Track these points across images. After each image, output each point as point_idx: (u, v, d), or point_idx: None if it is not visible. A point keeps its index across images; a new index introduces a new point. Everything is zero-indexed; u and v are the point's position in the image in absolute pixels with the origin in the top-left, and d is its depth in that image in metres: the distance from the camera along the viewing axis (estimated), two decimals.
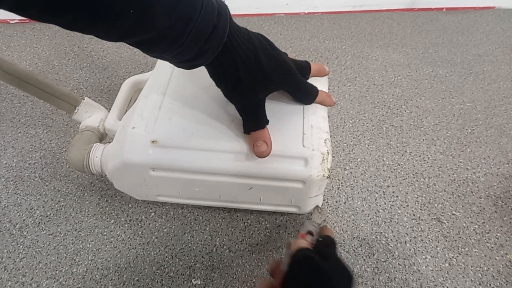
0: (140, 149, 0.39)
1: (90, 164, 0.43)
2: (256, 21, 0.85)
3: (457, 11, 0.90)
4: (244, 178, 0.40)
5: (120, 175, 0.42)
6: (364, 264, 0.46)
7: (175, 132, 0.40)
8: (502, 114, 0.64)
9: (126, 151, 0.39)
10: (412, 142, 0.60)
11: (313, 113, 0.42)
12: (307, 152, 0.38)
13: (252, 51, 0.32)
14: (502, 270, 0.46)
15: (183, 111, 0.41)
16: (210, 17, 0.27)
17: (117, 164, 0.40)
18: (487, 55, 0.77)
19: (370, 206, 0.51)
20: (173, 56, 0.29)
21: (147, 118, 0.41)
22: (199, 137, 0.39)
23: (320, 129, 0.40)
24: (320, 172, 0.38)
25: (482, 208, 0.51)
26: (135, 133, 0.40)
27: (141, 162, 0.39)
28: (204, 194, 0.44)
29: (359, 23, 0.85)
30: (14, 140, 0.59)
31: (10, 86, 0.68)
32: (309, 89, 0.41)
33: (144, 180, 0.42)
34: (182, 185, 0.42)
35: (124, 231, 0.49)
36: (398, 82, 0.70)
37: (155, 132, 0.39)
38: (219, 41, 0.29)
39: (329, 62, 0.74)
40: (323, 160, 0.38)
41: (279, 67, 0.35)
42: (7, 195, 0.53)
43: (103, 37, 0.27)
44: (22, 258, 0.47)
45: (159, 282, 0.44)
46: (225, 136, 0.39)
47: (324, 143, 0.39)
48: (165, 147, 0.39)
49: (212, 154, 0.39)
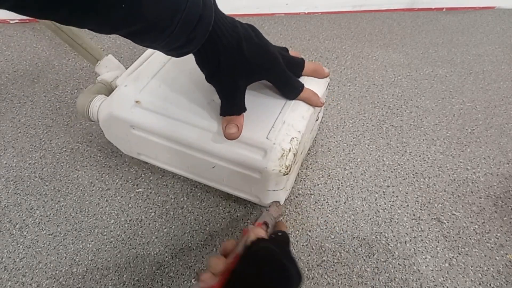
0: (125, 106, 0.43)
1: (90, 111, 0.47)
2: (256, 21, 0.85)
3: (457, 11, 0.90)
4: (207, 155, 0.42)
5: (108, 126, 0.47)
6: (364, 264, 0.46)
7: (158, 98, 0.43)
8: (502, 114, 0.64)
9: (114, 105, 0.44)
10: (412, 142, 0.60)
11: (292, 111, 0.41)
12: (268, 144, 0.39)
13: (235, 39, 0.34)
14: (502, 270, 0.46)
15: (173, 83, 0.45)
16: (196, 6, 0.29)
17: (106, 115, 0.45)
18: (487, 55, 0.77)
19: (370, 206, 0.51)
20: (162, 45, 0.30)
21: (140, 80, 0.45)
22: (177, 107, 0.42)
23: (291, 127, 0.40)
24: (277, 167, 0.39)
25: (482, 208, 0.51)
26: (125, 91, 0.44)
27: (123, 118, 0.43)
28: (175, 162, 0.48)
29: (359, 23, 0.85)
30: (14, 140, 0.59)
31: (10, 86, 0.68)
32: (293, 83, 0.41)
33: (127, 135, 0.46)
34: (155, 148, 0.46)
35: (124, 231, 0.49)
36: (398, 82, 0.70)
37: (141, 94, 0.43)
38: (205, 29, 0.31)
39: (329, 62, 0.74)
40: (282, 156, 0.39)
41: (261, 56, 0.36)
42: (7, 195, 0.53)
43: (96, 30, 0.28)
44: (22, 258, 0.47)
45: (159, 282, 0.44)
46: (201, 112, 0.42)
47: (290, 140, 0.40)
48: (146, 109, 0.43)
49: (183, 126, 0.41)
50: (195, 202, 0.52)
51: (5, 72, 0.71)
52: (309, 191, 0.53)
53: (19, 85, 0.68)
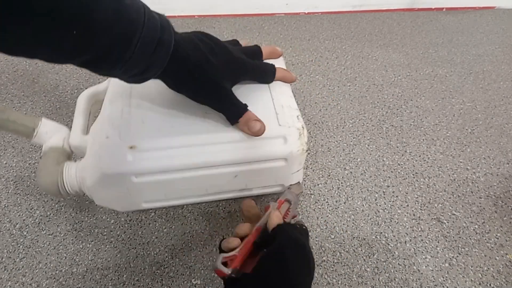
0: (118, 157, 0.38)
1: (66, 184, 0.40)
2: (256, 21, 0.85)
3: (457, 11, 0.90)
4: (228, 167, 0.41)
5: (101, 188, 0.40)
6: (364, 264, 0.46)
7: (152, 134, 0.39)
8: (502, 114, 0.64)
9: (104, 162, 0.38)
10: (412, 142, 0.60)
11: (280, 93, 0.44)
12: (284, 130, 0.40)
13: (202, 56, 0.35)
14: (502, 270, 0.46)
15: (154, 111, 0.41)
16: (153, 31, 0.29)
17: (96, 178, 0.39)
18: (487, 55, 0.77)
19: (370, 206, 0.51)
20: (122, 71, 0.30)
21: (119, 125, 0.40)
22: (176, 135, 0.39)
23: (290, 107, 0.43)
24: (299, 146, 0.40)
25: (482, 208, 0.51)
26: (110, 142, 0.38)
27: (121, 170, 0.38)
28: (190, 191, 0.45)
29: (359, 23, 0.85)
30: (14, 140, 0.59)
31: (10, 86, 0.68)
32: (266, 69, 0.44)
33: (127, 189, 0.41)
34: (167, 187, 0.42)
35: (124, 231, 0.49)
36: (398, 82, 0.70)
37: (131, 138, 0.39)
38: (165, 53, 0.31)
39: (329, 62, 0.74)
40: (300, 135, 0.40)
41: (230, 63, 0.38)
42: (7, 195, 0.52)
43: (48, 59, 0.27)
44: (22, 258, 0.47)
45: (159, 282, 0.44)
46: (202, 129, 0.40)
47: (297, 119, 0.42)
48: (144, 150, 0.38)
49: (192, 149, 0.39)
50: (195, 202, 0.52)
51: (5, 72, 0.71)
52: (309, 191, 0.53)
53: (19, 85, 0.68)
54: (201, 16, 0.87)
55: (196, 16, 0.87)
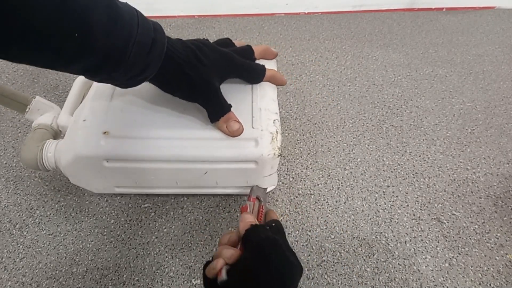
0: (91, 141, 0.40)
1: (44, 160, 0.43)
2: (256, 21, 0.85)
3: (457, 11, 0.90)
4: (197, 163, 0.41)
5: (75, 169, 0.43)
6: (364, 264, 0.46)
7: (126, 123, 0.41)
8: (502, 114, 0.64)
9: (78, 144, 0.40)
10: (412, 142, 0.60)
11: (262, 97, 0.44)
12: (257, 133, 0.40)
13: (191, 53, 0.36)
14: (502, 270, 0.46)
15: (134, 103, 0.43)
16: (147, 31, 0.30)
17: (70, 158, 0.41)
18: (487, 55, 0.77)
19: (370, 206, 0.51)
20: (121, 73, 0.31)
21: (97, 111, 0.42)
22: (150, 126, 0.41)
23: (268, 111, 0.43)
24: (271, 151, 0.40)
25: (482, 208, 0.51)
26: (86, 125, 0.41)
27: (93, 154, 0.40)
28: (161, 182, 0.46)
29: (359, 23, 0.85)
30: (14, 140, 0.59)
31: (10, 86, 0.68)
32: (256, 69, 0.44)
33: (99, 172, 0.42)
34: (137, 175, 0.44)
35: (124, 231, 0.49)
36: (398, 82, 0.70)
37: (106, 124, 0.40)
38: (160, 52, 0.32)
39: (329, 62, 0.74)
40: (272, 139, 0.40)
41: (218, 59, 0.39)
42: (7, 195, 0.53)
43: (49, 66, 0.28)
44: (22, 258, 0.47)
45: (159, 282, 0.44)
46: (176, 124, 0.41)
47: (273, 123, 0.42)
48: (117, 137, 0.40)
49: (163, 142, 0.40)
50: (195, 202, 0.52)
51: (5, 72, 0.71)
52: (309, 191, 0.53)
53: (19, 85, 0.68)
54: (201, 16, 0.87)
55: (196, 16, 0.87)
